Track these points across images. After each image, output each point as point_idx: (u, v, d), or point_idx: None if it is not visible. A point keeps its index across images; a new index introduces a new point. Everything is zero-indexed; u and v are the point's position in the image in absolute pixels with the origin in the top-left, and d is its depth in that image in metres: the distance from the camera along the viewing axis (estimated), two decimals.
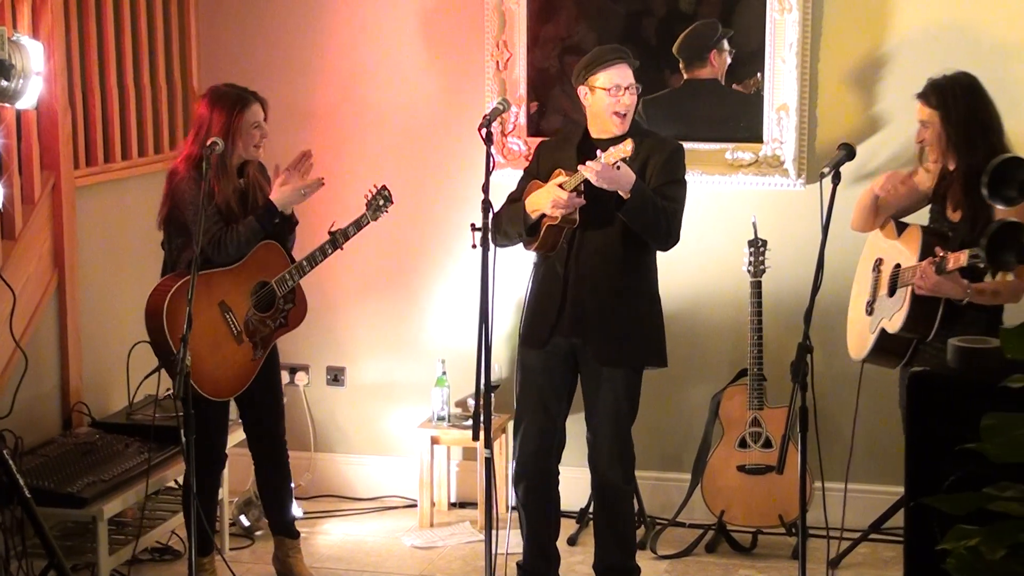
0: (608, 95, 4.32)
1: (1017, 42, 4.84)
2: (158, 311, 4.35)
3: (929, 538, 2.53)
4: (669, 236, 4.34)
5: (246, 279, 4.54)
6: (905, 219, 4.47)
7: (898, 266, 4.33)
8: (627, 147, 4.12)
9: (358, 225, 4.71)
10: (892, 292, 4.32)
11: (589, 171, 4.14)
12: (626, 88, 4.32)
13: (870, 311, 4.46)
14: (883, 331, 4.33)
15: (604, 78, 4.32)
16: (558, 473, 4.58)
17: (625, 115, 4.34)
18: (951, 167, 4.26)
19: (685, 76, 5.26)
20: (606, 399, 4.40)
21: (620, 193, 4.19)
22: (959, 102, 4.22)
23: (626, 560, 4.61)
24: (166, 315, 4.32)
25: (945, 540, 2.42)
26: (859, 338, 4.51)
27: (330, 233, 4.67)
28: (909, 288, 4.17)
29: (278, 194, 4.52)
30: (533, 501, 4.54)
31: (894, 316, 4.27)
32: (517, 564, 4.68)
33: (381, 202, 4.76)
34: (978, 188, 3.89)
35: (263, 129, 4.55)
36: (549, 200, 4.26)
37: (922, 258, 4.15)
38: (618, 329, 4.37)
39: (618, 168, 4.14)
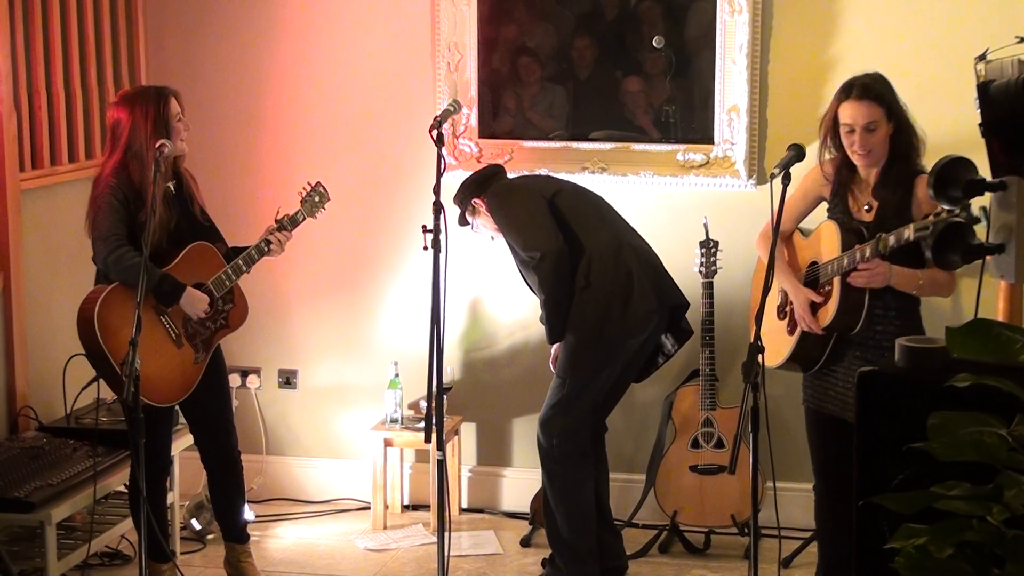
0: None
1: (962, 43, 4.86)
2: (89, 320, 4.24)
3: (878, 537, 2.54)
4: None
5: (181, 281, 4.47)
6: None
7: (814, 263, 4.21)
8: None
9: (294, 222, 4.64)
10: (812, 290, 4.21)
11: None
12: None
13: (783, 315, 4.33)
14: (805, 333, 4.18)
15: None
16: (605, 432, 4.86)
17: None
18: (875, 169, 4.11)
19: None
20: None
21: None
22: (894, 97, 4.09)
23: (553, 541, 4.66)
24: (98, 323, 4.22)
25: (893, 539, 2.43)
26: (773, 344, 4.24)
27: (269, 230, 4.60)
28: (837, 280, 4.07)
29: (190, 297, 4.35)
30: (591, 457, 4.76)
31: (819, 311, 4.15)
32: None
33: (317, 199, 4.71)
34: (895, 186, 3.95)
35: (184, 121, 4.45)
36: None
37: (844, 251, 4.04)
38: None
39: None
